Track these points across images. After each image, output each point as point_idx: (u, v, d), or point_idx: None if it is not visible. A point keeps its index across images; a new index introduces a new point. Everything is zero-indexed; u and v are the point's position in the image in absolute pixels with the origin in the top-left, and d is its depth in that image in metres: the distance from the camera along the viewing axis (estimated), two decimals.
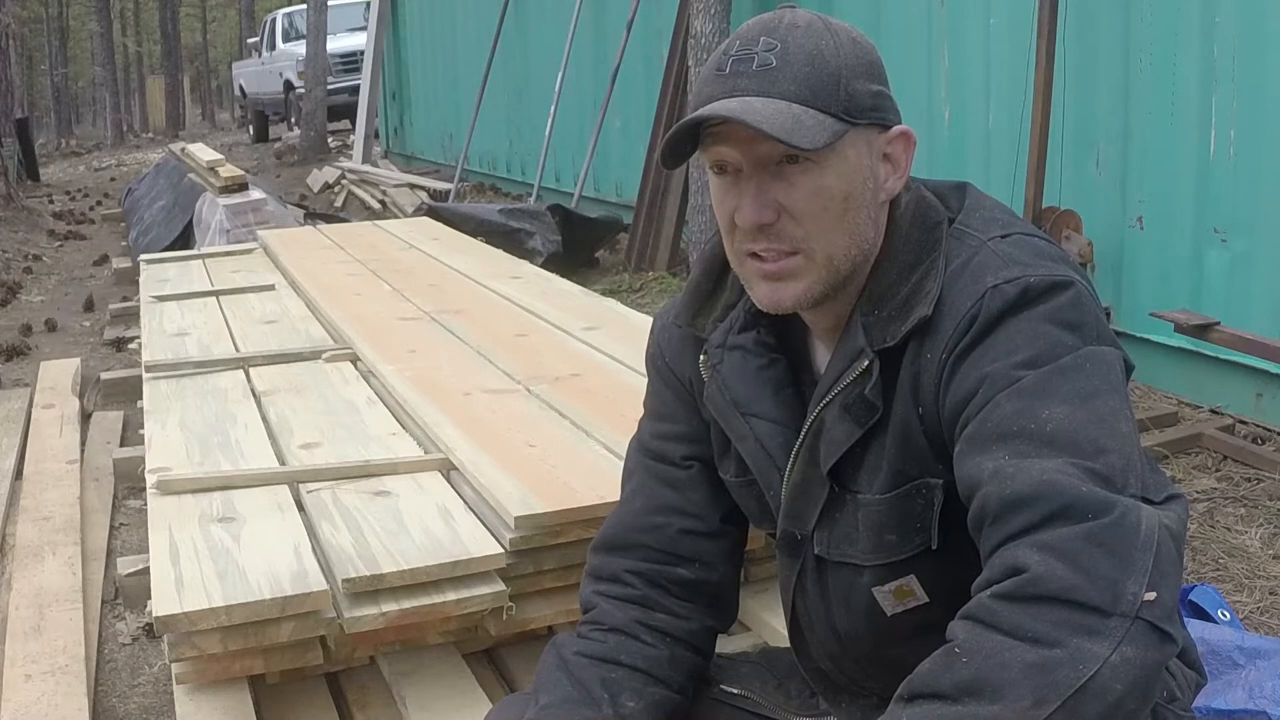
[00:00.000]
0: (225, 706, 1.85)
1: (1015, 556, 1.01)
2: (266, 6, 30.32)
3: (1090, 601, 0.96)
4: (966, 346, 1.14)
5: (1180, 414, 3.67)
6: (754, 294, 1.26)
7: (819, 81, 1.17)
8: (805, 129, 1.15)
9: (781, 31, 1.20)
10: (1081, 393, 1.08)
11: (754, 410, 1.32)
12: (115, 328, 5.93)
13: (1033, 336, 1.12)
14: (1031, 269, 1.16)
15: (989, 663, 0.97)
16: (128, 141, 26.38)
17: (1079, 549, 0.99)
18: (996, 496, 1.05)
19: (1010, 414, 1.08)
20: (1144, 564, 0.98)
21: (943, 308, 1.17)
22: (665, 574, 1.39)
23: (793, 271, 1.21)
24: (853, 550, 1.27)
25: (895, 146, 1.24)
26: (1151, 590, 0.97)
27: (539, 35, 8.86)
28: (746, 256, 1.23)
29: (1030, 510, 1.02)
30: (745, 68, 1.18)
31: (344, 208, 10.07)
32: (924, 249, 1.22)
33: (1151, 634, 0.97)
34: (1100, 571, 0.97)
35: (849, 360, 1.23)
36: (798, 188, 1.18)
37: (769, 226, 1.19)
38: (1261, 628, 2.44)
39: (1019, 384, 1.09)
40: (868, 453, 1.23)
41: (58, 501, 3.30)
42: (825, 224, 1.20)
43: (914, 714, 1.01)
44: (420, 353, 3.16)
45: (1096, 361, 1.11)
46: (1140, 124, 3.89)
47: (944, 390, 1.16)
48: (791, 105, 1.16)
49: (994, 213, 1.26)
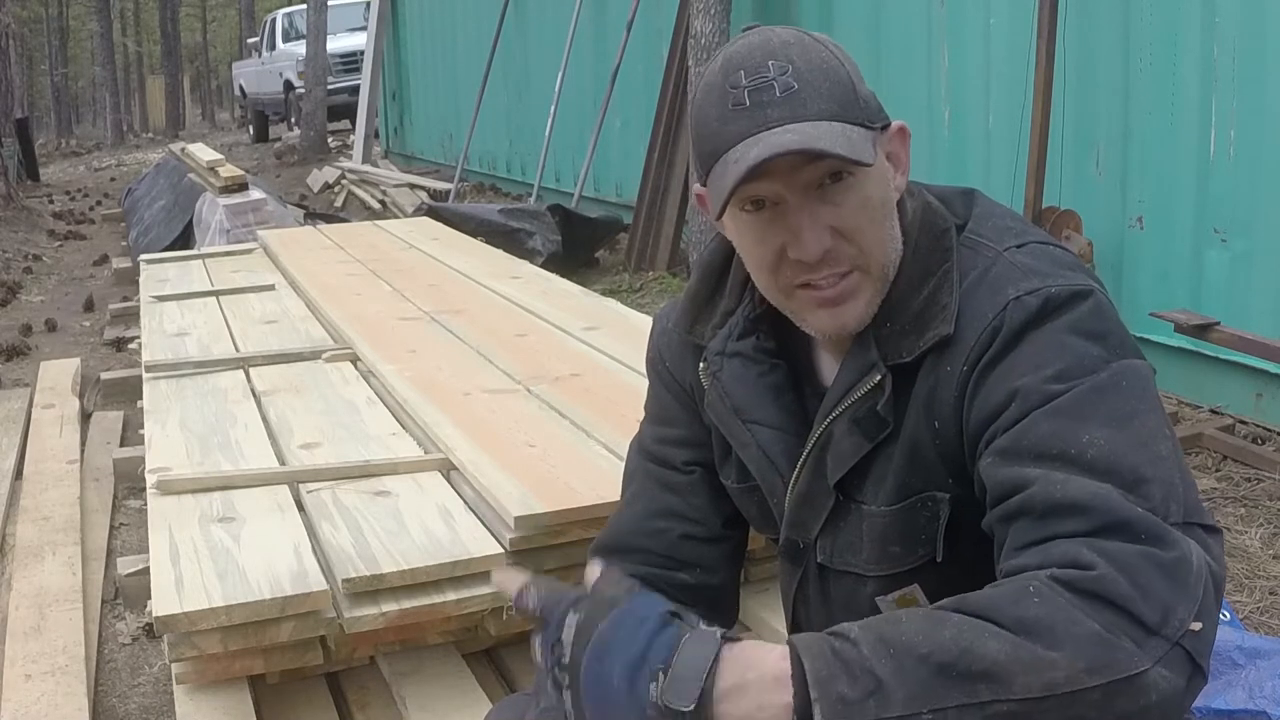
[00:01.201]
0: (225, 706, 1.85)
1: (1077, 553, 0.99)
2: (266, 6, 30.31)
3: (1142, 616, 0.96)
4: (991, 360, 1.13)
5: (1180, 414, 3.67)
6: (809, 324, 1.22)
7: (841, 94, 1.15)
8: (858, 144, 1.13)
9: (781, 51, 1.15)
10: (1120, 415, 1.07)
11: (755, 417, 1.31)
12: (115, 328, 5.93)
13: (1060, 349, 1.10)
14: (1052, 279, 1.15)
15: (1062, 615, 0.96)
16: (128, 141, 26.38)
17: (1139, 566, 0.98)
18: (1045, 497, 1.03)
19: (1048, 435, 1.07)
20: (1196, 595, 0.98)
21: (961, 321, 1.15)
22: (665, 579, 1.39)
23: (852, 291, 1.19)
24: (856, 560, 1.26)
25: (895, 144, 1.23)
26: (1198, 622, 0.97)
27: (539, 35, 8.86)
28: (797, 289, 1.20)
29: (1085, 517, 1.01)
30: (769, 96, 1.13)
31: (344, 208, 10.07)
32: (934, 258, 1.20)
33: (1187, 663, 0.96)
34: (1156, 591, 0.97)
35: (860, 374, 1.21)
36: (845, 206, 1.16)
37: (828, 253, 1.16)
38: (1261, 628, 2.44)
39: (1055, 402, 1.08)
40: (874, 464, 1.22)
41: (58, 501, 3.30)
42: (875, 235, 1.18)
43: (963, 622, 0.98)
44: (420, 353, 3.16)
45: (1132, 378, 1.10)
46: (1140, 124, 3.89)
47: (968, 404, 1.14)
48: (833, 124, 1.13)
49: (1006, 221, 1.24)
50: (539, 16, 8.83)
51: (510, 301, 3.80)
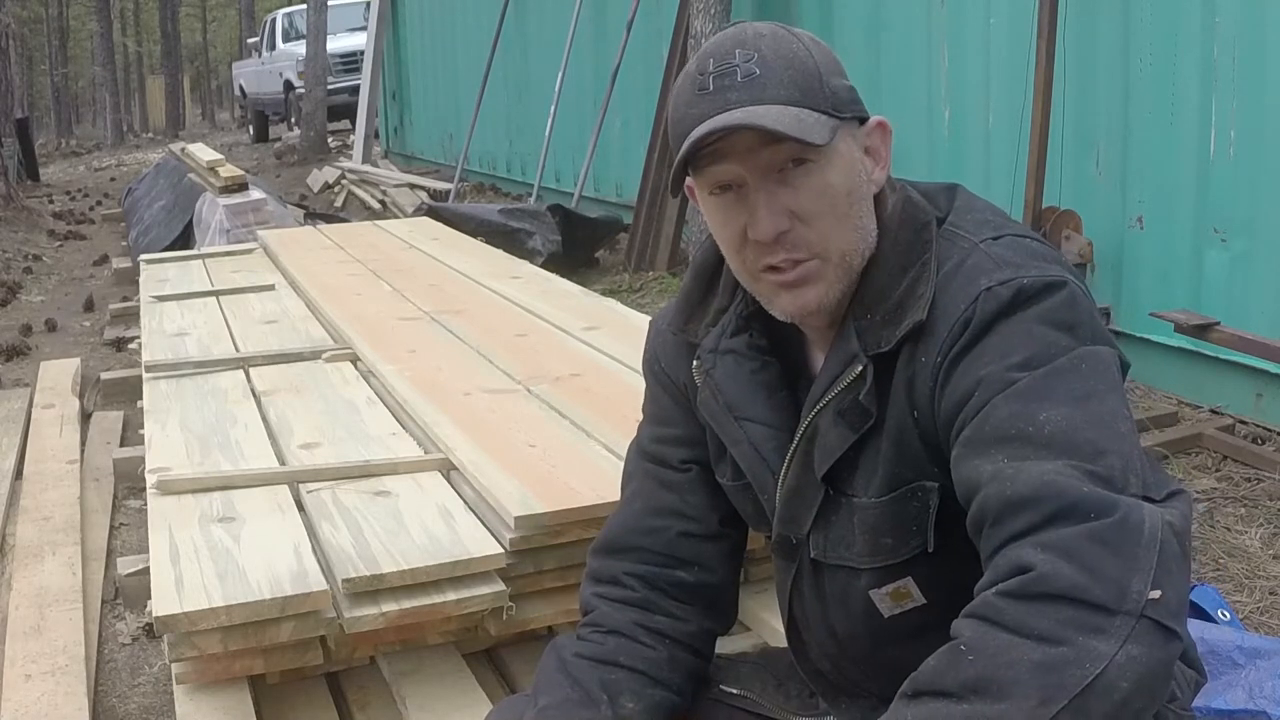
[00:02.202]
0: (225, 706, 1.85)
1: (1020, 556, 1.01)
2: (266, 6, 30.31)
3: (1096, 600, 0.96)
4: (961, 349, 1.14)
5: (1180, 414, 3.67)
6: (775, 307, 1.25)
7: (804, 82, 1.18)
8: (810, 126, 1.15)
9: (752, 41, 1.19)
10: (1078, 394, 1.08)
11: (747, 414, 1.32)
12: (115, 328, 5.92)
13: (1028, 338, 1.11)
14: (1025, 270, 1.15)
15: (995, 661, 0.97)
16: (128, 141, 26.38)
17: (1083, 548, 0.99)
18: (997, 497, 1.05)
19: (1007, 417, 1.08)
20: (1148, 562, 0.98)
21: (936, 311, 1.17)
22: (665, 576, 1.40)
23: (812, 275, 1.21)
24: (849, 553, 1.27)
25: (874, 138, 1.25)
26: (1156, 588, 0.97)
27: (539, 35, 8.86)
28: (761, 272, 1.23)
29: (1032, 511, 1.02)
30: (730, 80, 1.17)
31: (344, 208, 10.07)
32: (914, 250, 1.22)
33: (1157, 632, 0.97)
34: (1105, 570, 0.97)
35: (842, 365, 1.23)
36: (804, 190, 1.18)
37: (784, 235, 1.19)
38: (1261, 628, 2.44)
39: (1015, 386, 1.09)
40: (862, 456, 1.23)
41: (58, 501, 3.30)
42: (835, 222, 1.20)
43: (919, 712, 1.00)
44: (420, 353, 3.16)
45: (1092, 361, 1.11)
46: (1140, 124, 3.89)
47: (939, 393, 1.15)
48: (787, 107, 1.16)
49: (985, 214, 1.26)
50: (539, 16, 8.83)
51: (510, 301, 3.80)
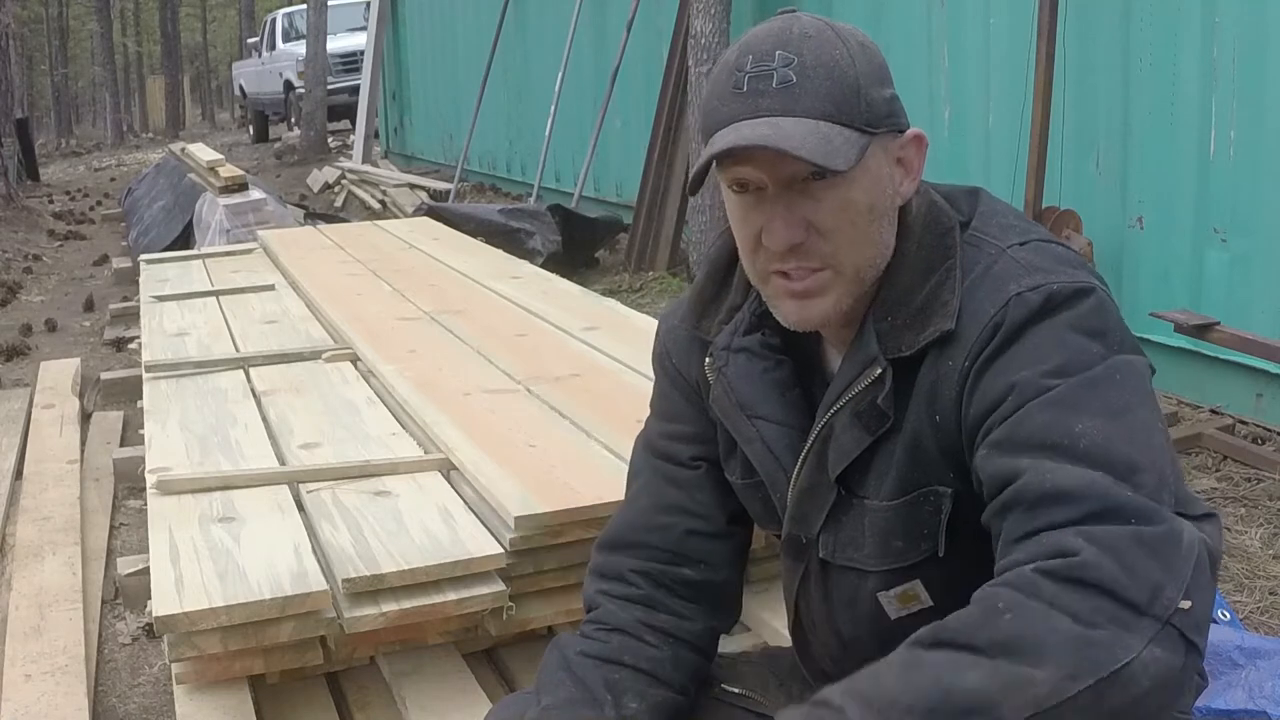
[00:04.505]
0: (225, 706, 1.85)
1: (1063, 540, 1.00)
2: (266, 6, 30.30)
3: (1130, 598, 0.97)
4: (991, 354, 1.13)
5: (1180, 414, 3.67)
6: (779, 312, 1.24)
7: (841, 94, 1.15)
8: (836, 148, 1.13)
9: (795, 43, 1.16)
10: (1114, 407, 1.08)
11: (760, 413, 1.31)
12: (115, 328, 5.92)
13: (1059, 344, 1.11)
14: (1054, 276, 1.15)
15: (1034, 625, 0.96)
16: (128, 141, 26.37)
17: (1127, 547, 0.99)
18: (1036, 487, 1.04)
19: (1042, 424, 1.07)
20: (1184, 573, 0.99)
21: (963, 316, 1.16)
22: (670, 574, 1.39)
23: (821, 288, 1.20)
24: (858, 555, 1.26)
25: (908, 150, 1.22)
26: (1187, 599, 0.98)
27: (539, 35, 8.86)
28: (771, 275, 1.21)
29: (1076, 504, 1.02)
30: (765, 85, 1.15)
31: (344, 208, 10.07)
32: (937, 254, 1.21)
33: (1180, 641, 0.97)
34: (1143, 572, 0.98)
35: (861, 367, 1.22)
36: (825, 204, 1.16)
37: (799, 246, 1.17)
38: (1261, 628, 2.44)
39: (1050, 394, 1.08)
40: (876, 458, 1.23)
41: (58, 501, 3.30)
42: (853, 238, 1.18)
43: (936, 659, 0.99)
44: (420, 353, 3.16)
45: (1127, 372, 1.11)
46: (1140, 124, 3.89)
47: (967, 398, 1.15)
48: (819, 124, 1.13)
49: (1010, 219, 1.25)
50: (539, 16, 8.83)
51: (510, 301, 3.80)
